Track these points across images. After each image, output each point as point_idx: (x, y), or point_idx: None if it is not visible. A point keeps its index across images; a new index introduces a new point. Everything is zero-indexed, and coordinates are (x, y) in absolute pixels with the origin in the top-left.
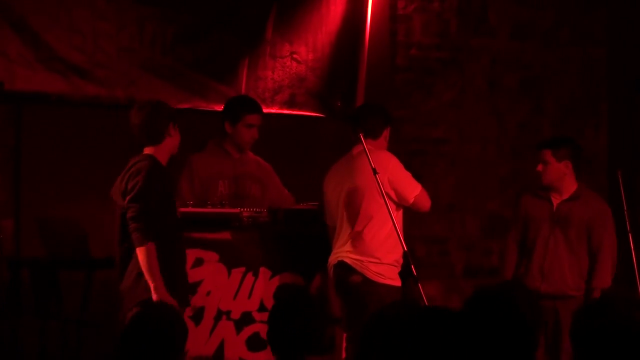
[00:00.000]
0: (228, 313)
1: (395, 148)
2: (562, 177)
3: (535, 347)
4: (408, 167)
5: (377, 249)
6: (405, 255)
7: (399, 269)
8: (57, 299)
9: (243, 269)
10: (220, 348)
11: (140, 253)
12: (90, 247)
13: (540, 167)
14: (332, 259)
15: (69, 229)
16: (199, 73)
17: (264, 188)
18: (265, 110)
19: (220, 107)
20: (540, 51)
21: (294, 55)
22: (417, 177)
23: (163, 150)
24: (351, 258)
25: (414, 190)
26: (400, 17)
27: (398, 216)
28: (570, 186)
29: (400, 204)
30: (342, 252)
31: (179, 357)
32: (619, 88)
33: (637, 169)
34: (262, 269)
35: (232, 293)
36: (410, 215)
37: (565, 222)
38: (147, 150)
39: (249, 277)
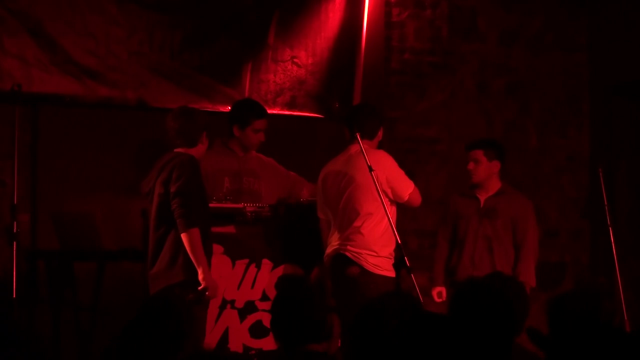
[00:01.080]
0: (232, 302)
1: (389, 146)
2: (490, 176)
3: (519, 331)
4: (402, 164)
5: (374, 243)
6: (399, 247)
7: (393, 261)
8: (71, 289)
9: (246, 260)
10: (225, 335)
11: (186, 237)
12: (102, 240)
13: (471, 166)
14: (330, 251)
15: (82, 222)
16: (204, 76)
17: (268, 183)
18: (267, 111)
19: (225, 108)
20: (526, 56)
21: (295, 60)
22: (410, 174)
23: (193, 153)
24: (350, 251)
25: (408, 188)
26: (395, 24)
27: (392, 211)
28: (495, 184)
29: (395, 200)
30: (341, 245)
31: (184, 344)
32: (600, 90)
33: (616, 167)
34: (264, 261)
35: (236, 283)
36: (404, 210)
37: (492, 215)
38: (179, 151)
39: (252, 268)
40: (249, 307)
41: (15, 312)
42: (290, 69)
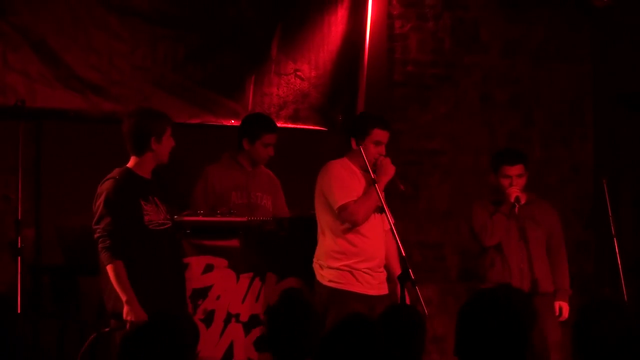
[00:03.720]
0: (237, 316)
1: (393, 158)
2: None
3: (527, 344)
4: (405, 176)
5: (321, 253)
6: (403, 260)
7: (352, 273)
8: (75, 303)
9: (251, 274)
10: (230, 349)
11: (110, 271)
12: None
13: (517, 181)
14: None
15: (86, 237)
16: (208, 90)
17: (273, 200)
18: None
19: (228, 122)
20: (529, 67)
21: (298, 73)
22: (414, 185)
23: (144, 162)
24: (314, 260)
25: (335, 203)
26: (398, 36)
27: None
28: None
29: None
30: None
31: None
32: (603, 101)
33: (620, 177)
34: (268, 274)
35: (240, 297)
36: (408, 222)
37: (528, 223)
38: (130, 161)
39: (257, 281)
40: (254, 321)
41: (20, 327)
42: (293, 82)
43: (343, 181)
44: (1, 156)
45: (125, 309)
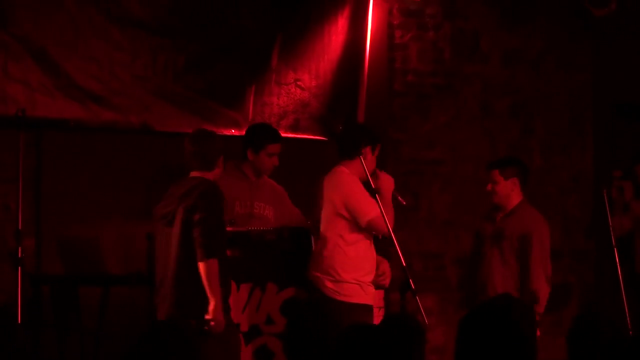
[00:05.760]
0: (237, 326)
1: (393, 168)
2: (509, 194)
3: (532, 357)
4: (406, 186)
5: (335, 266)
6: (403, 270)
7: (363, 286)
8: (76, 313)
9: (251, 284)
10: None
11: (203, 267)
12: (107, 264)
13: (489, 187)
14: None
15: (86, 247)
16: (208, 99)
17: (276, 211)
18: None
19: (228, 132)
20: (529, 77)
21: (298, 82)
22: (414, 195)
23: (210, 178)
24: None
25: (366, 215)
26: (398, 46)
27: (361, 236)
28: (512, 204)
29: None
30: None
31: None
32: (603, 111)
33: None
34: (269, 285)
35: (241, 307)
36: (408, 231)
37: (500, 237)
38: (196, 175)
39: (257, 291)
40: (254, 331)
41: (20, 337)
42: (293, 91)
43: (364, 193)
44: (1, 166)
45: (212, 306)
